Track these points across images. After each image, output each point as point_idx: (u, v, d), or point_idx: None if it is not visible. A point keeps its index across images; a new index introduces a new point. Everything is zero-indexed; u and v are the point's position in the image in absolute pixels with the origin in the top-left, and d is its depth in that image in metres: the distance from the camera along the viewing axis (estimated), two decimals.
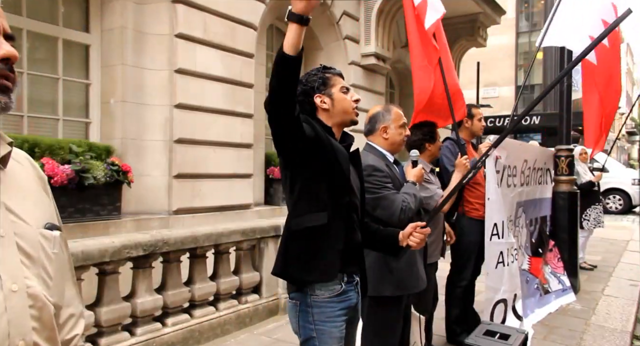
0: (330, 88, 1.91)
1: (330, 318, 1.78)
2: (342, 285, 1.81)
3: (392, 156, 2.61)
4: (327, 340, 1.77)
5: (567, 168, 5.09)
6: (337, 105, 1.90)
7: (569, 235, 5.05)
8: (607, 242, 8.37)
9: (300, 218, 1.79)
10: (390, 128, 2.57)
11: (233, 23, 5.78)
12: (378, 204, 2.40)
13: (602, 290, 5.32)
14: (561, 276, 4.72)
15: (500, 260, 3.41)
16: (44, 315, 0.86)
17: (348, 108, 1.91)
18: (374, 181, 2.42)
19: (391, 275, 2.47)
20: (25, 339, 0.81)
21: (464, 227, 3.64)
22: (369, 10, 8.29)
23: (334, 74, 1.95)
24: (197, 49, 5.32)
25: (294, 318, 1.84)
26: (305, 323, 1.80)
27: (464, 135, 3.79)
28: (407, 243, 1.93)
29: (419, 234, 1.91)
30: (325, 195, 1.77)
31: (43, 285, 0.87)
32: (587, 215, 6.36)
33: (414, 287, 2.58)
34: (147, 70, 5.06)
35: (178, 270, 3.58)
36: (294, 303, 1.83)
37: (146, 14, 5.10)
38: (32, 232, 0.87)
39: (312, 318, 1.78)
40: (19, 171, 0.93)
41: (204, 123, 5.39)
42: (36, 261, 0.87)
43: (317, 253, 1.75)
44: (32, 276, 0.85)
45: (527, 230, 4.28)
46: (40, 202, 0.95)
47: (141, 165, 4.92)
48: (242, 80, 5.91)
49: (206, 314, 3.70)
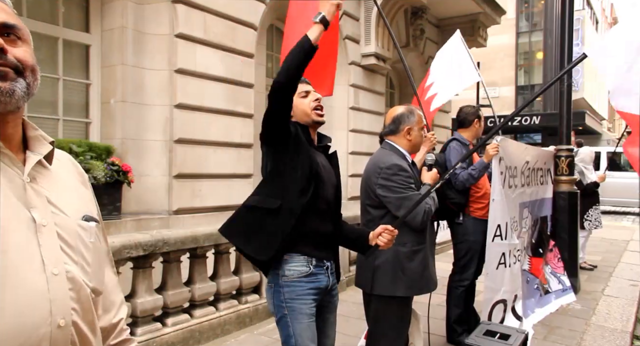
0: None
1: (299, 296, 1.98)
2: (310, 268, 2.00)
3: (410, 156, 2.64)
4: (297, 315, 1.97)
5: (567, 168, 5.09)
6: (296, 110, 2.09)
7: (569, 235, 5.05)
8: (607, 242, 8.37)
9: (256, 197, 2.05)
10: (414, 130, 2.60)
11: (233, 23, 5.78)
12: (402, 204, 2.41)
13: (602, 290, 5.32)
14: (561, 276, 4.72)
15: (502, 261, 3.40)
16: (82, 297, 0.94)
17: (306, 110, 2.10)
18: (400, 181, 2.43)
19: (404, 276, 2.47)
20: (65, 318, 0.89)
21: (468, 227, 3.63)
22: (369, 10, 8.29)
23: None
24: (197, 49, 5.32)
25: (270, 300, 2.04)
26: (278, 302, 2.00)
27: (468, 136, 3.78)
28: (376, 242, 2.08)
29: (388, 235, 2.06)
30: (288, 185, 1.97)
31: (81, 270, 0.95)
32: (589, 215, 6.38)
33: (425, 289, 2.58)
34: (147, 70, 5.06)
35: (178, 270, 3.58)
36: (270, 285, 2.04)
37: (146, 14, 5.10)
38: (70, 223, 0.96)
39: (283, 297, 1.98)
40: (60, 168, 1.03)
41: (204, 123, 5.39)
42: (74, 249, 0.95)
43: (257, 232, 1.99)
44: (70, 262, 0.93)
45: (531, 230, 4.28)
46: (78, 197, 1.04)
47: (141, 165, 4.92)
48: (242, 80, 5.91)
49: (206, 314, 3.70)
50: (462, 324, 3.68)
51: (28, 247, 0.87)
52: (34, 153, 0.95)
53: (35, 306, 0.85)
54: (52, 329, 0.87)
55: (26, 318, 0.84)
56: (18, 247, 0.85)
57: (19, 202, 0.88)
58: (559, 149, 5.12)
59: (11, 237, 0.84)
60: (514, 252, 3.56)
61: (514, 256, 3.55)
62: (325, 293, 2.09)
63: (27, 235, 0.87)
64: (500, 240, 3.36)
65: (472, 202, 3.64)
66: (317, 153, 2.12)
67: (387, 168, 2.44)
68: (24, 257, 0.86)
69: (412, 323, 2.75)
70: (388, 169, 2.44)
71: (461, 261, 3.70)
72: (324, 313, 2.12)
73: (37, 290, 0.86)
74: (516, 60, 25.00)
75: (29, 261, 0.86)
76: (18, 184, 0.90)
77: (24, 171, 0.92)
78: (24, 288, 0.84)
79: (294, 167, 1.98)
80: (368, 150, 7.69)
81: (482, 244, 3.68)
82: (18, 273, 0.84)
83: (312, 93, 2.15)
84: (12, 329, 0.83)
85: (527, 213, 4.12)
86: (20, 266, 0.85)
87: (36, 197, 0.91)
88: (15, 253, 0.84)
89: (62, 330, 0.89)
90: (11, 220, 0.86)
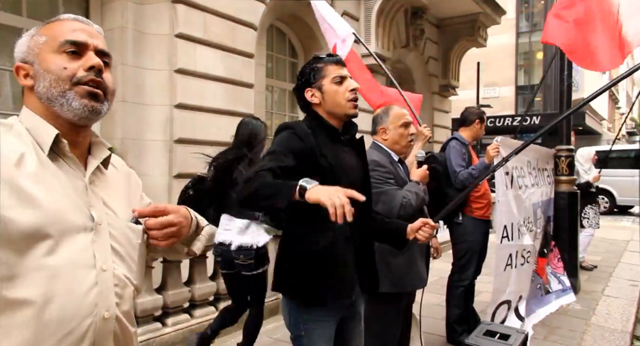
0: (321, 80, 1.80)
1: (319, 319, 1.77)
2: None
3: (397, 156, 2.63)
4: (316, 339, 1.77)
5: (567, 168, 5.08)
6: (328, 98, 1.79)
7: (569, 235, 5.05)
8: (607, 242, 8.37)
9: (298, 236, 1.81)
10: (389, 129, 2.61)
11: (233, 23, 5.78)
12: (379, 199, 2.41)
13: (602, 290, 5.32)
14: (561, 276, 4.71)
15: (509, 263, 3.37)
16: (125, 293, 1.03)
17: (340, 101, 1.78)
18: (377, 176, 2.45)
19: (389, 272, 2.46)
20: (109, 310, 0.98)
21: (467, 227, 3.63)
22: (368, 10, 8.29)
23: (327, 62, 1.82)
24: (197, 48, 5.32)
25: (287, 315, 1.84)
26: (295, 321, 1.80)
27: (468, 136, 3.78)
28: (415, 236, 1.91)
29: (429, 229, 1.90)
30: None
31: (127, 269, 1.05)
32: (586, 213, 6.40)
33: (412, 285, 2.57)
34: (148, 70, 5.06)
35: (178, 270, 3.58)
36: (287, 300, 1.84)
37: (146, 14, 5.10)
38: (121, 224, 1.06)
39: (301, 317, 1.78)
40: (115, 173, 1.15)
41: (204, 123, 5.39)
42: (123, 248, 1.05)
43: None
44: (118, 261, 1.03)
45: (543, 231, 4.25)
46: (129, 200, 1.14)
47: (141, 165, 4.92)
48: (242, 80, 5.91)
49: (206, 314, 3.70)
50: (462, 324, 3.68)
51: (84, 244, 0.96)
52: (95, 158, 1.08)
53: (83, 298, 0.94)
54: (97, 320, 0.95)
55: (74, 308, 0.92)
56: (75, 242, 0.95)
57: (80, 201, 0.99)
58: (559, 149, 5.12)
59: (71, 233, 0.95)
60: (523, 252, 3.51)
61: (523, 256, 3.51)
62: (348, 307, 1.89)
63: (84, 232, 0.97)
64: (507, 242, 3.31)
65: (471, 201, 3.63)
66: (340, 147, 1.84)
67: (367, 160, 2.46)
68: (79, 252, 0.95)
69: (413, 328, 2.75)
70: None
71: (460, 261, 3.70)
72: (348, 322, 1.91)
73: (86, 284, 0.95)
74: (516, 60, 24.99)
75: (82, 256, 0.96)
76: (80, 186, 1.01)
77: (85, 174, 1.03)
78: (75, 280, 0.93)
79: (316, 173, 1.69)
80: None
81: (481, 244, 3.67)
82: (71, 266, 0.93)
83: (349, 79, 1.81)
84: (60, 318, 0.90)
85: (541, 214, 4.08)
86: (75, 260, 0.94)
87: (94, 198, 1.02)
88: (72, 248, 0.94)
89: (106, 321, 0.98)
90: (73, 218, 0.96)
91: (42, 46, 1.03)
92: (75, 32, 1.06)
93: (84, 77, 1.01)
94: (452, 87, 11.69)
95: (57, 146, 0.99)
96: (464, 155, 3.63)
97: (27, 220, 0.88)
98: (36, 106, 1.02)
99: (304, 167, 1.66)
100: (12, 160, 0.91)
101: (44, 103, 1.01)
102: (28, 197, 0.89)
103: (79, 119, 1.01)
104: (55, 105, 1.00)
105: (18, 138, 0.96)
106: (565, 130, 5.27)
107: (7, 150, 0.92)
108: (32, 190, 0.90)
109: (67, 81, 1.00)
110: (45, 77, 1.00)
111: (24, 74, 1.03)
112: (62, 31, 1.05)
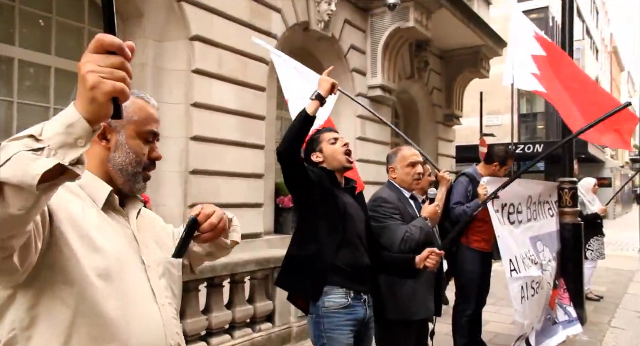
0: (320, 145, 2.36)
1: (338, 327, 2.13)
2: (348, 300, 2.16)
3: (409, 192, 2.79)
4: (336, 341, 2.11)
5: (570, 201, 5.18)
6: (328, 156, 2.33)
7: (575, 266, 5.11)
8: (613, 272, 8.38)
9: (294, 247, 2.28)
10: (397, 169, 2.82)
11: (246, 58, 6.03)
12: (382, 233, 2.59)
13: (609, 322, 5.35)
14: (567, 307, 4.77)
15: (523, 295, 3.47)
16: (179, 323, 1.18)
17: (338, 156, 2.31)
18: (382, 211, 2.64)
19: (393, 300, 2.60)
20: (174, 339, 1.12)
21: (466, 258, 3.75)
22: (375, 44, 8.58)
23: (322, 132, 2.43)
24: (212, 83, 5.55)
25: (311, 330, 2.20)
26: (318, 332, 2.16)
27: (484, 172, 3.87)
28: (425, 265, 2.26)
29: (436, 257, 2.27)
30: (319, 228, 2.17)
31: (175, 300, 1.19)
32: (591, 245, 6.44)
33: (416, 314, 2.68)
34: (165, 105, 5.28)
35: (197, 299, 3.68)
36: (311, 316, 2.20)
37: (165, 51, 5.35)
38: (164, 261, 1.20)
39: (323, 327, 2.14)
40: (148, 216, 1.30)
41: (218, 154, 5.58)
42: (170, 282, 1.19)
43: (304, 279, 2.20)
44: (169, 294, 1.17)
45: (555, 262, 4.33)
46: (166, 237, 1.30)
47: (158, 196, 5.09)
48: (254, 112, 6.12)
49: (222, 342, 3.78)
50: None
51: (143, 284, 1.10)
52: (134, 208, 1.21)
53: (156, 332, 1.08)
54: None
55: (151, 341, 1.06)
56: (137, 284, 1.08)
57: (131, 248, 1.12)
58: (563, 181, 5.22)
59: (131, 277, 1.08)
60: (533, 284, 3.61)
61: (532, 288, 3.60)
62: (362, 325, 2.22)
63: (141, 274, 1.11)
64: (517, 274, 3.42)
65: (471, 234, 3.77)
66: (344, 194, 2.31)
67: (374, 201, 2.74)
68: (142, 292, 1.09)
69: None
70: (374, 201, 2.72)
71: (462, 291, 3.82)
72: (361, 343, 2.25)
73: (155, 318, 1.09)
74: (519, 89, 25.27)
75: (146, 294, 1.09)
76: (129, 234, 1.14)
77: (130, 222, 1.17)
78: (146, 316, 1.07)
79: (320, 210, 2.17)
80: (375, 180, 7.84)
81: (482, 276, 3.77)
82: (140, 304, 1.07)
83: (341, 139, 2.36)
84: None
85: (542, 247, 4.17)
86: (141, 298, 1.08)
87: (142, 242, 1.16)
88: (136, 289, 1.07)
89: None
90: (130, 264, 1.09)
91: (133, 123, 1.16)
92: (155, 122, 1.22)
93: (149, 165, 1.20)
94: (456, 117, 11.89)
95: (109, 201, 1.11)
96: (468, 192, 3.75)
97: (95, 265, 1.00)
98: (96, 165, 1.12)
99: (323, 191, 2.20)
100: (79, 214, 1.03)
101: (112, 169, 1.13)
102: (95, 246, 1.01)
103: (130, 192, 1.17)
104: (123, 178, 1.14)
105: (75, 196, 1.06)
106: (568, 161, 5.36)
107: (73, 205, 1.03)
108: (97, 239, 1.03)
109: (141, 165, 1.17)
110: (127, 153, 1.14)
111: (102, 134, 1.12)
112: (148, 119, 1.20)
